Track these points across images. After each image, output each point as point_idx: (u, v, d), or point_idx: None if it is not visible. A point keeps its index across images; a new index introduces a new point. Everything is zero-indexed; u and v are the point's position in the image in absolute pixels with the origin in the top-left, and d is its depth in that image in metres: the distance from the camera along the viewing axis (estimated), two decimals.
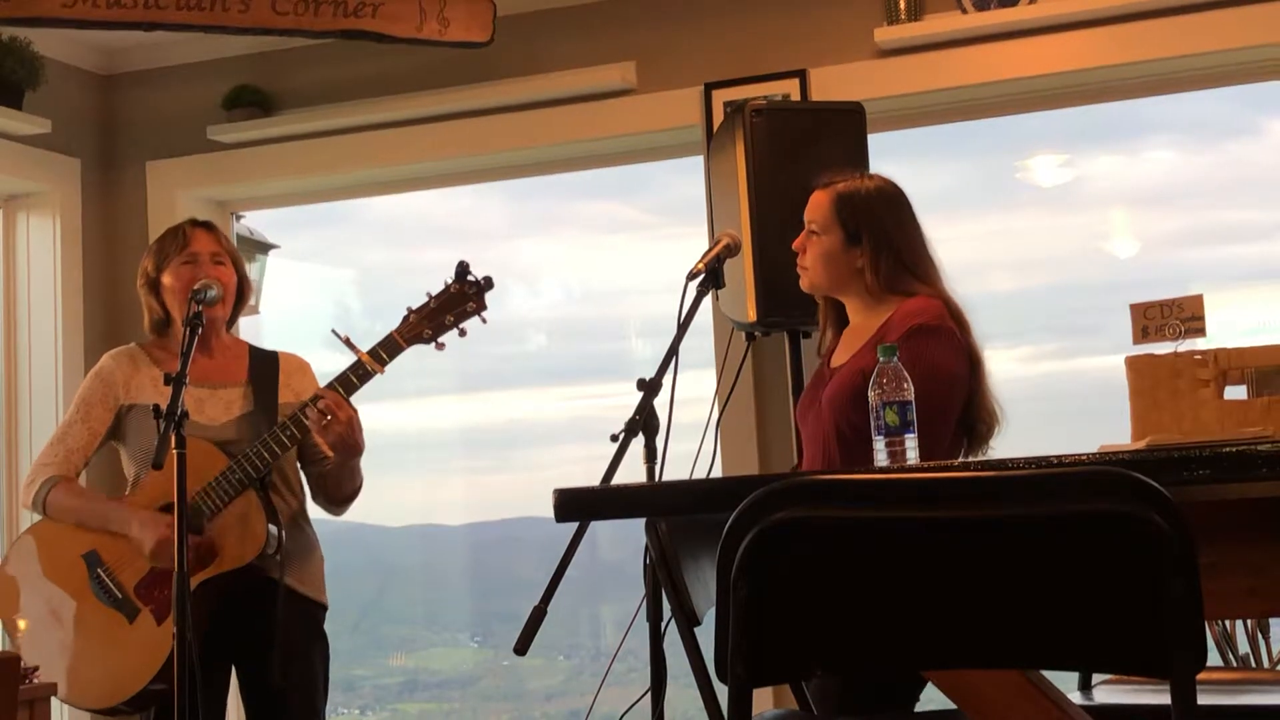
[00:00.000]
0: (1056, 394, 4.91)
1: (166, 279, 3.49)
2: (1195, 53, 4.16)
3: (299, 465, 3.57)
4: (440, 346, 3.38)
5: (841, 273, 3.01)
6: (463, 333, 3.38)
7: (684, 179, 4.80)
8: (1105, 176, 4.94)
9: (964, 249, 4.66)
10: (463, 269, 3.38)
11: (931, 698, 2.57)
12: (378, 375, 3.35)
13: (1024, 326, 4.99)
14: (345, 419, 3.31)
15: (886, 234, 2.98)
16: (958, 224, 4.79)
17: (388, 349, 3.35)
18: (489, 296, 3.38)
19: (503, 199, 5.58)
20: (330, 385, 3.34)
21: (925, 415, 2.60)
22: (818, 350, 3.21)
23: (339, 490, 3.53)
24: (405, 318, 3.37)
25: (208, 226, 3.59)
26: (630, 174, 5.04)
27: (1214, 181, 4.86)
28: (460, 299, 3.36)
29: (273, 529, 3.34)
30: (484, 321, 3.39)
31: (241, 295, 3.60)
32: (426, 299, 3.37)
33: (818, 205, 3.05)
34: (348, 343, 3.33)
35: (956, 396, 2.88)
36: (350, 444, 3.37)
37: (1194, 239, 4.87)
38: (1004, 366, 4.60)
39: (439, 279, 3.39)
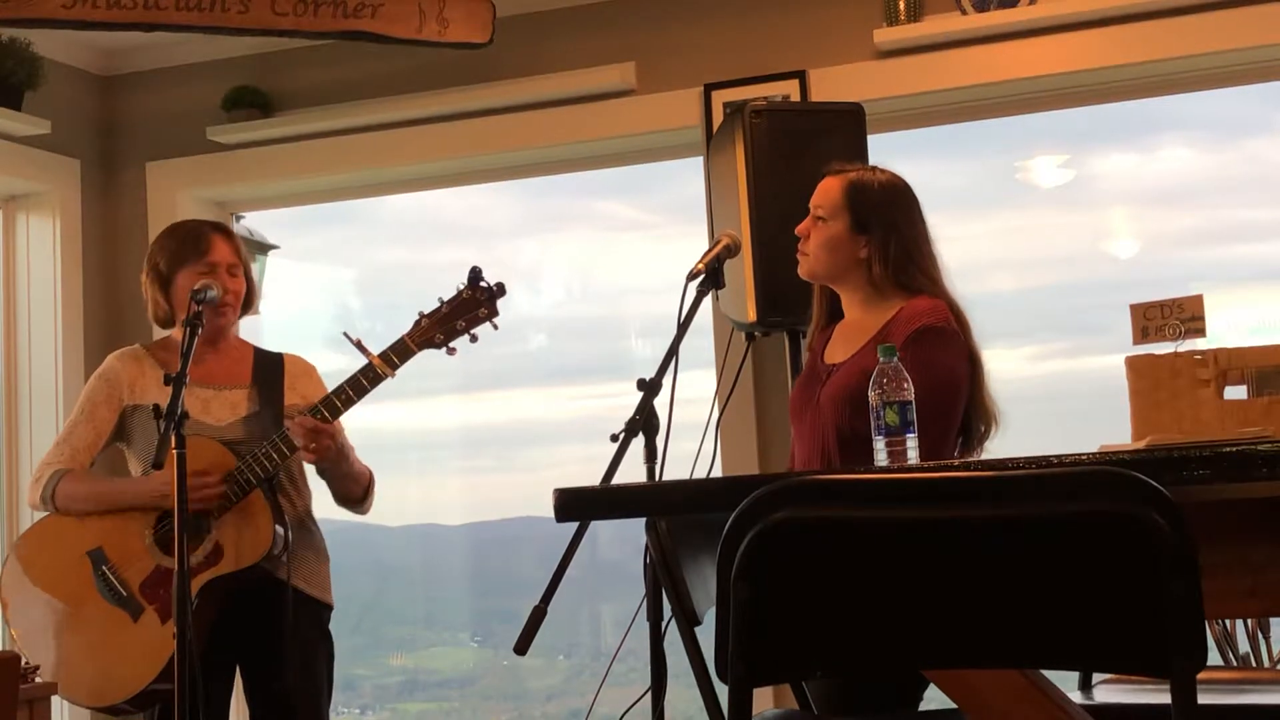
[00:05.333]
0: (1061, 393, 4.91)
1: (180, 280, 3.48)
2: (1196, 53, 4.17)
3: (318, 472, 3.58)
4: (452, 351, 3.38)
5: (843, 261, 2.99)
6: (474, 338, 3.38)
7: (684, 179, 4.80)
8: (1115, 176, 4.94)
9: (967, 249, 4.66)
10: (475, 274, 3.37)
11: (931, 697, 2.58)
12: (388, 379, 3.35)
13: (1029, 326, 4.99)
14: (327, 443, 3.33)
15: (895, 226, 2.96)
16: (961, 224, 4.79)
17: (399, 353, 3.35)
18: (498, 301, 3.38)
19: (503, 199, 5.58)
20: (340, 388, 3.34)
21: (933, 418, 2.60)
22: (808, 343, 3.18)
23: (352, 492, 3.56)
24: (417, 322, 3.36)
25: (228, 234, 3.58)
26: (630, 174, 5.04)
27: (1228, 180, 4.86)
28: (473, 305, 3.36)
29: (279, 530, 3.34)
30: (495, 327, 3.39)
31: (249, 300, 3.60)
32: (439, 304, 3.37)
33: (827, 191, 3.02)
34: (359, 345, 3.32)
35: (962, 399, 2.88)
36: (336, 457, 3.40)
37: (1206, 238, 4.87)
38: (1009, 366, 4.59)
39: (440, 279, 3.39)
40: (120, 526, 3.40)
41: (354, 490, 3.55)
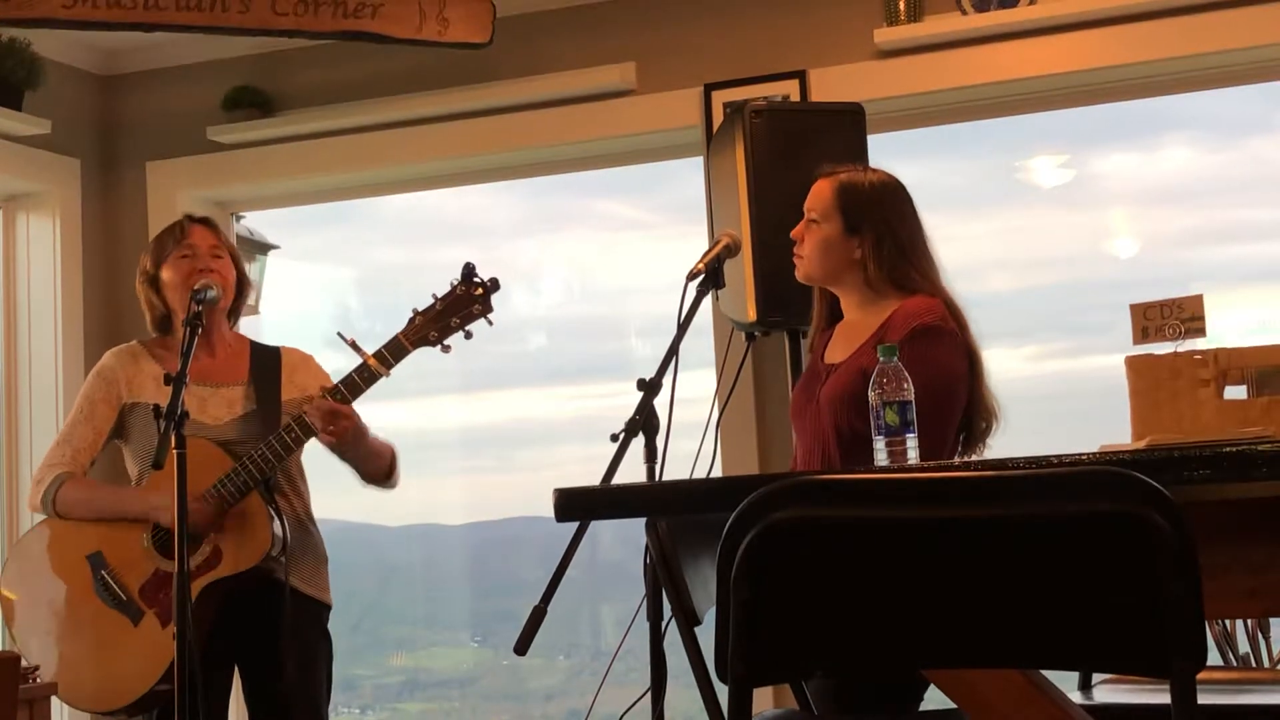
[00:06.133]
0: (1062, 393, 4.91)
1: (165, 273, 3.49)
2: (1196, 53, 4.17)
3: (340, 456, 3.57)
4: (446, 349, 3.37)
5: (838, 262, 2.99)
6: (469, 335, 3.37)
7: (684, 179, 4.80)
8: (1116, 176, 4.94)
9: (967, 249, 4.66)
10: (469, 271, 3.36)
11: (931, 697, 2.57)
12: (383, 378, 3.34)
13: (1029, 326, 4.99)
14: (346, 424, 3.32)
15: (888, 225, 2.97)
16: (961, 224, 4.79)
17: (393, 352, 3.34)
18: (493, 297, 3.38)
19: (503, 199, 5.59)
20: (335, 387, 3.33)
21: (931, 417, 2.60)
22: (809, 345, 3.19)
23: (377, 469, 3.53)
24: (411, 320, 3.35)
25: (205, 222, 3.60)
26: (630, 174, 5.04)
27: (1229, 179, 4.86)
28: (466, 301, 3.35)
29: (277, 531, 3.34)
30: (490, 324, 3.38)
31: (241, 290, 3.60)
32: (432, 301, 3.36)
33: (819, 194, 3.03)
34: (353, 345, 3.32)
35: (960, 397, 2.88)
36: (356, 438, 3.38)
37: (1207, 238, 4.87)
38: (1009, 366, 4.59)
39: (439, 278, 3.38)
40: (119, 530, 3.39)
41: (380, 466, 3.53)
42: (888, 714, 2.59)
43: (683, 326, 2.92)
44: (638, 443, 2.76)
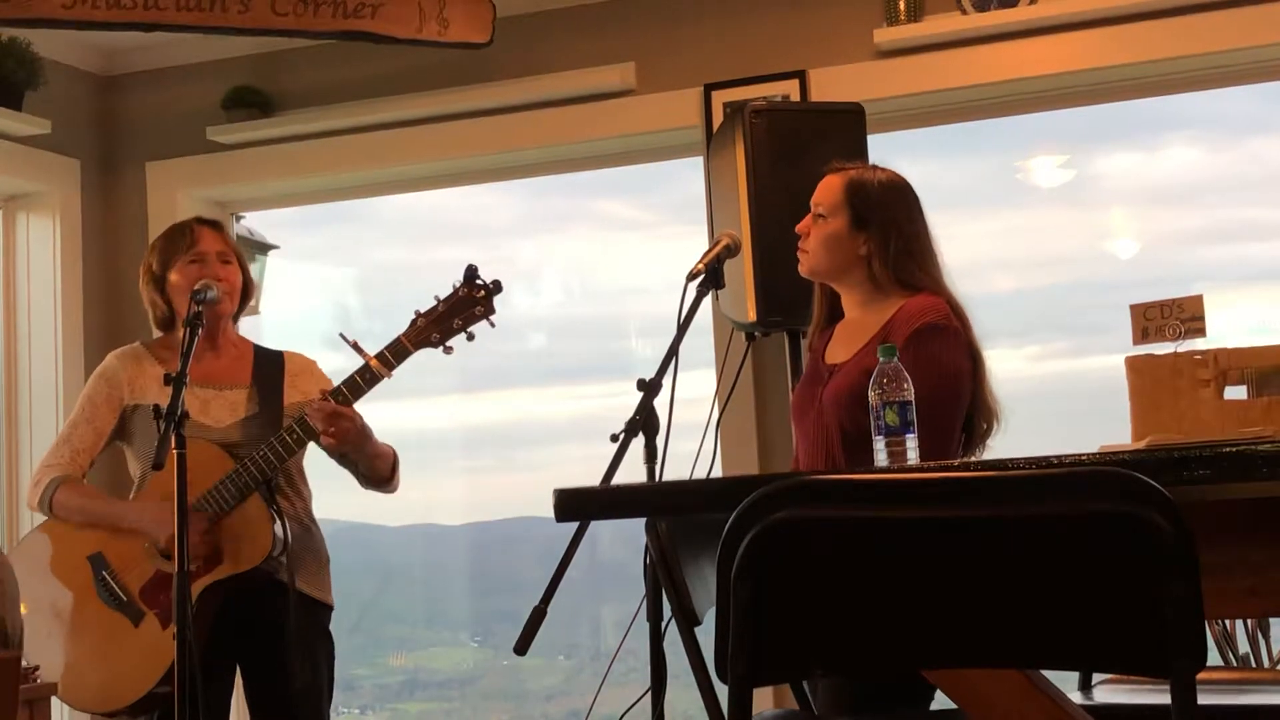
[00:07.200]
0: (1062, 393, 4.91)
1: (173, 277, 3.49)
2: (1196, 53, 4.17)
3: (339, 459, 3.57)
4: (448, 350, 3.36)
5: (843, 258, 2.98)
6: (470, 337, 3.36)
7: (684, 179, 4.81)
8: (1116, 175, 4.94)
9: (967, 249, 4.66)
10: (471, 273, 3.36)
11: (935, 697, 2.57)
12: (385, 379, 3.34)
13: (1030, 326, 5.00)
14: (347, 425, 3.32)
15: (895, 223, 2.96)
16: (961, 224, 4.79)
17: (395, 353, 3.34)
18: (495, 299, 3.37)
19: (503, 199, 5.59)
20: (337, 389, 3.33)
21: (937, 416, 2.60)
22: (808, 343, 3.18)
23: (379, 473, 3.52)
24: (413, 321, 3.35)
25: (214, 225, 3.59)
26: (630, 174, 5.04)
27: (1229, 179, 4.86)
28: (469, 303, 3.35)
29: (278, 532, 3.34)
30: (492, 325, 3.37)
31: (246, 293, 3.60)
32: (435, 303, 3.36)
33: (828, 189, 3.02)
34: (355, 347, 3.31)
35: (965, 396, 2.88)
36: (358, 439, 3.37)
37: (1207, 237, 4.88)
38: (1010, 366, 4.59)
39: (439, 278, 3.37)
40: (121, 531, 3.39)
41: (382, 468, 3.52)
42: (889, 714, 2.59)
43: (683, 326, 2.92)
44: (638, 443, 2.76)
